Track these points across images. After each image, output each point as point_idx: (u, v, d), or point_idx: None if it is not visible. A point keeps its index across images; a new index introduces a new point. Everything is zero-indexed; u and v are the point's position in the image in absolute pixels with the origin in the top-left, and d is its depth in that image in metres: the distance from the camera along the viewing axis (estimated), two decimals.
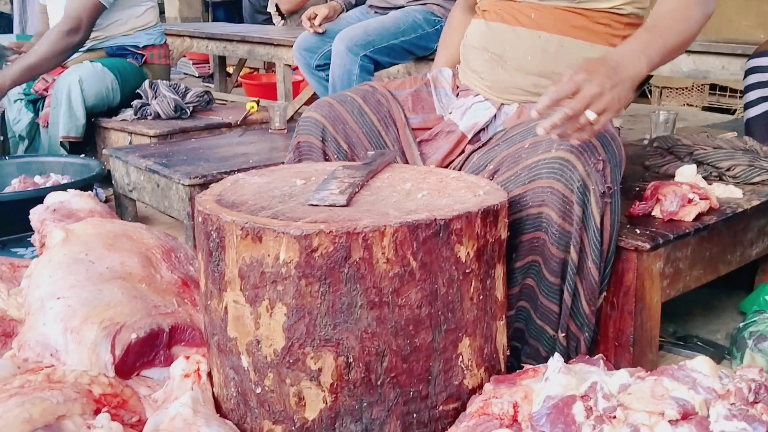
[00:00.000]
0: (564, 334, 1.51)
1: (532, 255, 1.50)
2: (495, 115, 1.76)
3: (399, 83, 1.88)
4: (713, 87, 5.63)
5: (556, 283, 1.49)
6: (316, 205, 1.35)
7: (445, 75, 1.90)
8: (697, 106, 5.83)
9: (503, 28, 1.72)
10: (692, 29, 1.54)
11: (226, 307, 1.31)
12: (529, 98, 1.73)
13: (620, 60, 1.40)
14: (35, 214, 1.84)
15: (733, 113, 5.30)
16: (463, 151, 1.75)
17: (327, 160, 1.72)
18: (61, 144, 3.17)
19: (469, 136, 1.74)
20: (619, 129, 1.79)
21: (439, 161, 1.74)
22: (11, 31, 4.79)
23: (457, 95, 1.84)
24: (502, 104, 1.75)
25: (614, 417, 1.14)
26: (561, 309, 1.50)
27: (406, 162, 1.74)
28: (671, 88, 6.03)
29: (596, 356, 1.39)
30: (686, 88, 5.90)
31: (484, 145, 1.66)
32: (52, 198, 1.91)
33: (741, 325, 1.82)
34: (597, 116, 1.35)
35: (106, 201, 3.01)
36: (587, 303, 1.50)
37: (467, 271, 1.30)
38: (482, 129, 1.75)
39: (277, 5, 5.69)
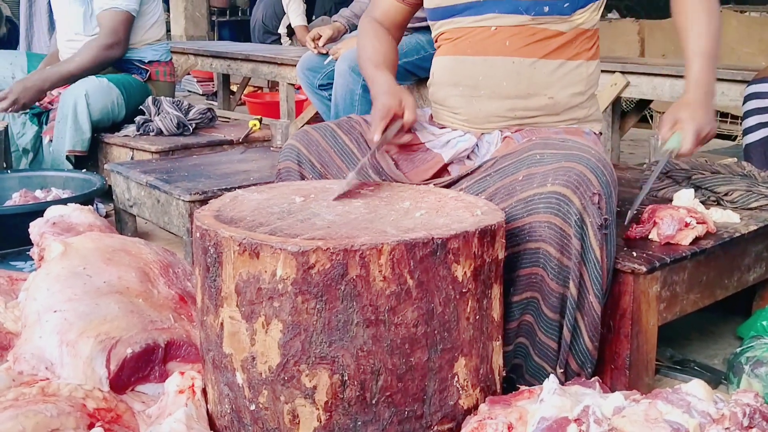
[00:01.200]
0: (562, 371, 1.50)
1: (530, 291, 1.50)
2: (477, 145, 1.78)
3: None
4: (715, 114, 5.66)
5: (556, 319, 1.49)
6: (340, 197, 1.44)
7: (423, 113, 1.93)
8: None
9: (474, 60, 1.75)
10: (719, 21, 1.75)
11: (222, 323, 1.31)
12: (508, 123, 1.76)
13: (701, 97, 1.69)
14: (35, 228, 1.85)
15: (734, 139, 5.32)
16: (446, 171, 1.77)
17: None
18: (67, 158, 3.18)
19: (447, 160, 1.77)
20: (601, 134, 1.86)
21: (418, 176, 1.75)
22: (17, 44, 4.83)
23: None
24: (483, 134, 1.78)
25: None
26: (560, 346, 1.50)
27: (381, 176, 1.76)
28: None
29: (592, 379, 1.39)
30: None
31: (473, 172, 1.67)
32: (52, 212, 1.92)
33: (738, 350, 1.81)
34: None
35: (107, 216, 3.02)
36: (590, 339, 1.49)
37: (464, 290, 1.31)
38: (467, 156, 1.78)
39: (288, 26, 5.75)
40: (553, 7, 1.69)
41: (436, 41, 1.88)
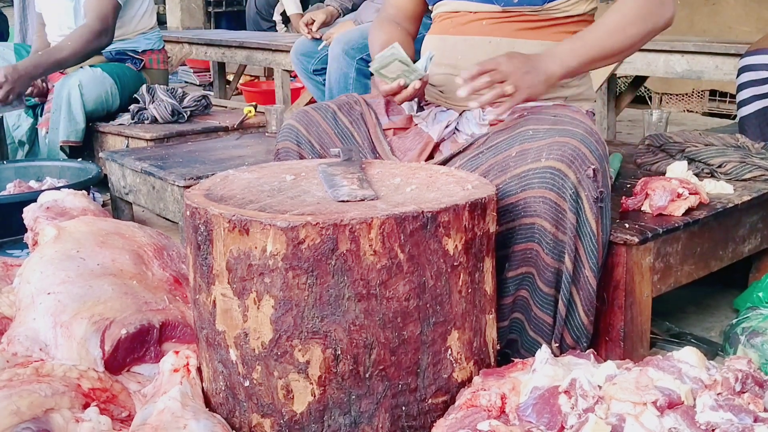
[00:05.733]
0: (557, 345, 1.51)
1: (525, 266, 1.50)
2: (459, 122, 1.78)
3: (374, 95, 1.94)
4: (713, 93, 5.63)
5: (551, 293, 1.49)
6: (346, 201, 1.34)
7: None
8: (697, 112, 5.83)
9: (455, 39, 1.76)
10: (627, 43, 1.65)
11: (214, 301, 1.31)
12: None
13: (538, 57, 1.59)
14: (29, 212, 1.85)
15: (733, 119, 5.31)
16: (437, 150, 1.77)
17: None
18: (61, 148, 3.18)
19: (436, 139, 1.77)
20: (593, 113, 1.83)
21: (412, 159, 1.76)
22: (7, 37, 4.81)
23: (422, 108, 1.86)
24: (464, 111, 1.78)
25: (594, 412, 1.14)
26: (555, 320, 1.50)
27: (377, 158, 1.77)
28: (671, 95, 6.03)
29: (587, 352, 1.39)
30: (686, 94, 5.90)
31: (466, 149, 1.67)
32: (46, 196, 1.92)
33: (734, 321, 1.82)
34: (512, 92, 1.54)
35: (104, 205, 3.01)
36: (585, 313, 1.49)
37: (455, 264, 1.31)
38: (453, 132, 1.77)
39: (283, 13, 5.73)
40: None
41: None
